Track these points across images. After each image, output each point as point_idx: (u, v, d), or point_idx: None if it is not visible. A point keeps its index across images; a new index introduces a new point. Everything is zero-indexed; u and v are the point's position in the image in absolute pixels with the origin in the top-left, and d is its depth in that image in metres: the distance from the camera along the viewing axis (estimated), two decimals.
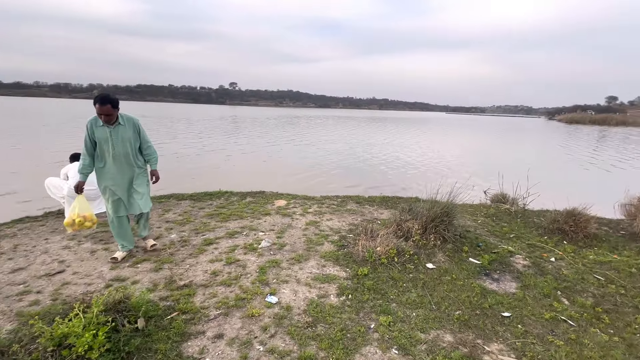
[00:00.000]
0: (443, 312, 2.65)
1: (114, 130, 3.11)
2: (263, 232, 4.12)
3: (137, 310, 2.23)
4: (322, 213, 5.00)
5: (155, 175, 3.45)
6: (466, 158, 14.72)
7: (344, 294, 2.83)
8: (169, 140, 16.04)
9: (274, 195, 5.95)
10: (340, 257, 3.49)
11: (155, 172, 3.44)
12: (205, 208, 5.02)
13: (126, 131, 3.15)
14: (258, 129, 24.52)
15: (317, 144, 17.27)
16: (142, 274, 3.02)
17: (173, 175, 8.88)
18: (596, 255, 3.80)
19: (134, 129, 3.21)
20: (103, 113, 2.97)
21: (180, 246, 3.63)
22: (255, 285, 2.89)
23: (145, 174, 3.39)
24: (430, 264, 3.41)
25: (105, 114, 2.99)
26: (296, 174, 9.65)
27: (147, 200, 3.35)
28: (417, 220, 4.00)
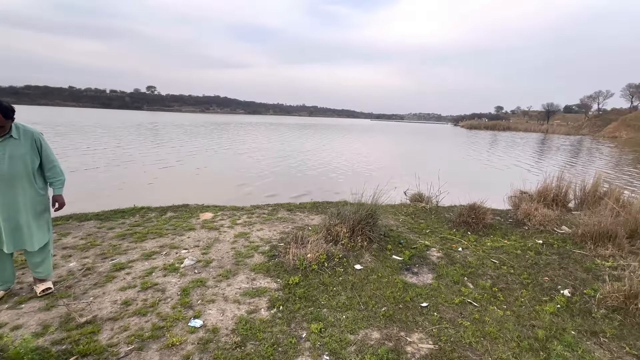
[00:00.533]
0: (370, 311, 2.78)
1: (1, 145, 2.55)
2: (186, 250, 3.80)
3: None
4: (252, 223, 4.84)
5: (59, 201, 2.87)
6: (388, 161, 15.97)
7: (275, 306, 2.76)
8: (67, 150, 13.78)
9: (199, 208, 5.56)
10: (271, 268, 3.41)
11: (58, 198, 2.86)
12: (115, 228, 4.42)
13: (19, 147, 2.60)
14: (182, 137, 22.78)
15: (247, 151, 16.80)
16: (27, 315, 2.49)
17: (75, 191, 7.63)
18: (492, 242, 4.45)
19: (31, 144, 2.66)
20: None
21: (81, 276, 3.11)
22: (177, 310, 2.63)
23: (45, 200, 2.82)
24: (358, 265, 3.56)
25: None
26: (225, 184, 9.21)
27: (42, 234, 2.78)
28: (345, 223, 4.15)
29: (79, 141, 17.17)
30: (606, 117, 57.96)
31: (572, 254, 4.06)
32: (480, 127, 65.46)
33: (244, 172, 11.10)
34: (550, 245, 4.35)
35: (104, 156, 12.84)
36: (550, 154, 22.08)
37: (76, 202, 6.43)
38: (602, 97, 60.49)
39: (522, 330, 2.60)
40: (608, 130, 50.31)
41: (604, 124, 55.29)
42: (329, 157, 16.03)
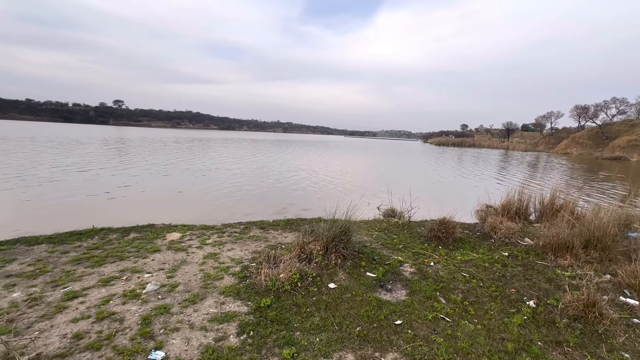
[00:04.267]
0: (344, 332, 2.71)
1: None
2: (149, 274, 3.55)
3: None
4: (222, 243, 4.65)
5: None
6: (362, 177, 16.22)
7: (245, 331, 2.62)
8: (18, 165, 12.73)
9: (165, 228, 5.28)
10: (241, 290, 3.26)
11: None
12: (70, 252, 4.06)
13: None
14: (149, 153, 21.89)
15: (219, 168, 16.40)
16: None
17: (23, 211, 6.99)
18: (462, 256, 4.57)
19: None
20: None
21: (26, 308, 2.79)
22: (136, 341, 2.42)
23: None
24: (332, 284, 3.50)
25: None
26: (194, 202, 8.87)
27: None
28: (319, 241, 4.10)
29: (33, 155, 15.96)
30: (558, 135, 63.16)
31: (535, 265, 4.24)
32: (448, 144, 68.77)
33: (215, 189, 10.78)
34: (515, 257, 4.53)
35: (63, 173, 11.99)
36: (512, 168, 23.51)
37: (26, 223, 5.89)
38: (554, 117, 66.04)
39: (492, 344, 2.63)
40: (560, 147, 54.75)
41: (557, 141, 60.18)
42: (303, 173, 16.02)
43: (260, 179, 13.37)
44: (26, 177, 10.63)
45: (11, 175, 10.87)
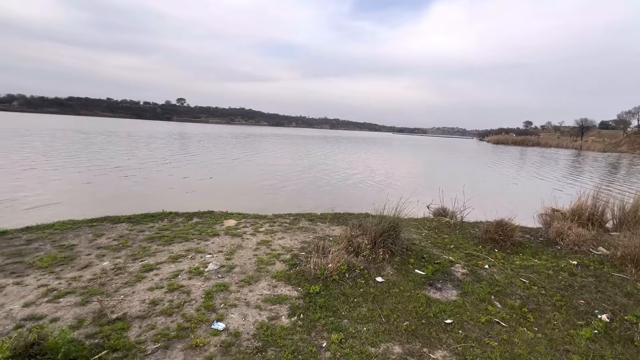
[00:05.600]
0: (392, 324, 2.72)
1: None
2: (210, 255, 3.90)
3: (56, 353, 1.94)
4: (273, 232, 4.91)
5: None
6: (411, 175, 15.73)
7: (296, 314, 2.77)
8: (105, 156, 14.64)
9: (223, 215, 5.71)
10: (292, 276, 3.44)
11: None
12: (145, 231, 4.62)
13: None
14: (209, 147, 23.63)
15: (270, 162, 17.12)
16: (64, 309, 2.64)
17: (109, 195, 8.08)
18: (521, 261, 4.25)
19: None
20: None
21: (113, 275, 3.26)
22: (201, 312, 2.70)
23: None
24: (380, 278, 3.51)
25: None
26: (248, 193, 9.41)
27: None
28: (366, 235, 4.13)
29: (117, 148, 18.22)
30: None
31: (611, 277, 3.79)
32: (507, 142, 63.24)
33: (267, 182, 11.30)
34: (585, 267, 4.09)
35: (137, 162, 13.52)
36: (585, 170, 20.92)
37: (110, 204, 6.81)
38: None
39: (555, 354, 2.45)
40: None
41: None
42: (352, 170, 16.02)
43: (309, 174, 13.68)
44: (113, 167, 12.19)
45: (106, 166, 12.53)
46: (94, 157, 14.47)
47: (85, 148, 17.83)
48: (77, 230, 4.51)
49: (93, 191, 8.49)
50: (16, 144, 17.41)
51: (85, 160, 13.57)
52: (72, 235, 4.28)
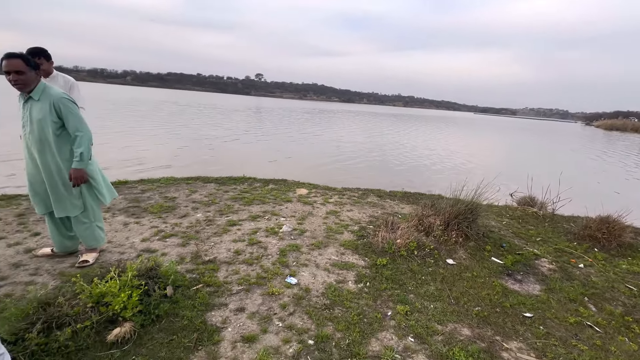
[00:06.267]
0: (462, 307, 2.63)
1: (26, 106, 2.43)
2: (284, 218, 4.21)
3: (167, 279, 2.37)
4: (342, 204, 5.03)
5: (73, 175, 2.46)
6: (493, 160, 14.24)
7: (362, 281, 2.87)
8: (196, 125, 16.54)
9: (295, 184, 6.04)
10: (359, 247, 3.52)
11: (72, 172, 2.45)
12: (229, 191, 5.18)
13: (38, 110, 2.38)
14: (284, 121, 24.77)
15: (342, 138, 17.23)
16: (170, 247, 3.18)
17: (200, 159, 9.20)
18: (629, 265, 3.61)
19: (50, 109, 2.38)
20: (9, 70, 2.24)
21: (205, 225, 3.78)
22: (276, 266, 2.98)
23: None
24: (451, 260, 3.37)
25: (14, 72, 2.24)
26: (318, 166, 9.71)
27: (70, 204, 2.58)
28: (439, 216, 3.95)
29: (205, 119, 20.40)
30: None
31: None
32: (626, 129, 51.78)
33: (336, 156, 11.47)
34: None
35: (222, 132, 14.96)
36: None
37: (202, 167, 7.77)
38: None
39: None
40: None
41: None
42: (426, 150, 15.19)
43: (381, 152, 13.43)
44: (202, 135, 13.72)
45: (198, 134, 14.19)
46: (187, 126, 16.46)
47: (180, 118, 20.35)
48: (177, 185, 5.28)
49: (188, 155, 9.75)
50: (130, 114, 20.71)
51: (181, 128, 15.52)
52: (174, 190, 5.03)
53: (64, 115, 2.42)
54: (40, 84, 2.41)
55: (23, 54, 2.32)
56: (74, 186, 2.52)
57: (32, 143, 2.45)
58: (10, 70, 2.25)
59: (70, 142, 2.50)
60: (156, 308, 2.13)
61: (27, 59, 2.31)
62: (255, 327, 2.17)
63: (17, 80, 2.28)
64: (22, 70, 2.26)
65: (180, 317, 2.16)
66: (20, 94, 2.42)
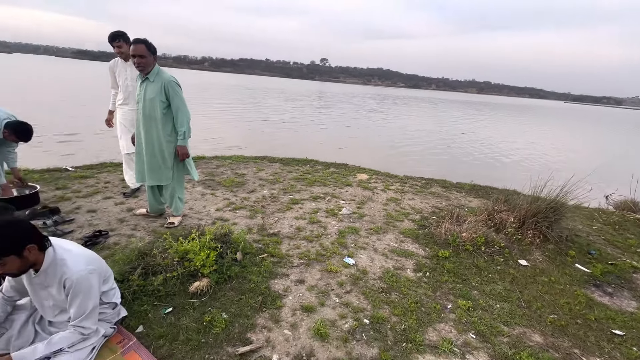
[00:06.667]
0: (534, 312, 2.40)
1: (142, 86, 2.77)
2: (344, 201, 4.26)
3: (237, 245, 2.62)
4: (404, 192, 4.89)
5: (179, 152, 2.86)
6: (585, 156, 12.31)
7: (422, 270, 2.79)
8: (265, 108, 17.41)
9: (356, 169, 6.03)
10: (420, 236, 3.41)
11: (178, 149, 2.85)
12: (292, 172, 5.40)
13: (152, 90, 2.71)
14: (347, 106, 24.65)
15: (406, 125, 16.55)
16: (239, 218, 3.48)
17: (266, 139, 9.73)
18: None
19: (160, 89, 2.71)
20: (134, 54, 2.61)
21: (270, 201, 4.03)
22: (335, 245, 3.06)
23: (171, 147, 2.89)
24: (524, 261, 3.07)
25: (138, 55, 2.60)
26: (380, 152, 9.53)
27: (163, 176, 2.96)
28: (513, 212, 3.60)
29: (272, 103, 21.36)
30: None
31: None
32: None
33: (402, 144, 11.09)
34: None
35: (288, 116, 15.52)
36: None
37: (268, 147, 8.22)
38: None
39: None
40: None
41: None
42: (500, 141, 13.80)
43: (449, 142, 12.62)
44: (267, 118, 14.42)
45: (265, 116, 14.98)
46: (256, 109, 17.42)
47: (250, 101, 21.59)
48: (246, 163, 5.69)
49: (256, 135, 10.39)
50: (208, 97, 22.62)
51: (251, 110, 16.49)
52: (243, 167, 5.43)
53: (170, 96, 2.73)
54: (155, 67, 2.73)
55: (146, 40, 2.65)
56: (181, 160, 2.94)
57: (141, 119, 2.82)
58: (135, 54, 2.60)
59: (172, 121, 2.83)
60: (228, 269, 2.38)
61: (149, 45, 2.63)
62: (314, 300, 2.29)
63: (139, 63, 2.65)
64: (144, 54, 2.61)
65: (248, 281, 2.38)
66: (139, 75, 2.80)
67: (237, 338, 1.87)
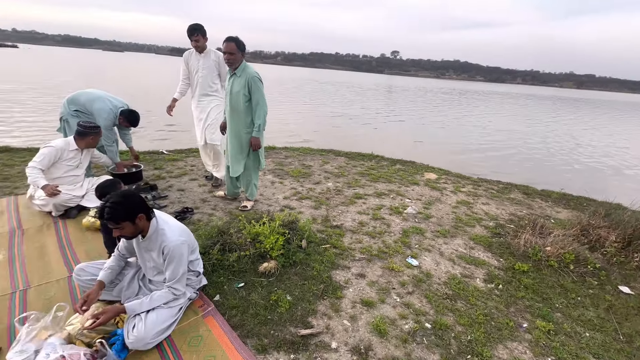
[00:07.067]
0: (636, 349, 2.03)
1: (230, 80, 3.02)
2: (409, 200, 4.12)
3: (302, 233, 2.74)
4: (477, 195, 4.52)
5: (254, 143, 3.08)
6: None
7: (493, 282, 2.57)
8: (332, 102, 17.63)
9: (424, 167, 5.76)
10: (493, 244, 3.14)
11: (252, 140, 3.08)
12: (357, 166, 5.40)
13: (237, 84, 2.96)
14: (418, 101, 23.56)
15: (486, 124, 15.17)
16: (305, 208, 3.62)
17: (333, 133, 9.86)
18: None
19: (245, 84, 2.92)
20: (225, 51, 2.86)
21: (334, 194, 4.10)
22: (397, 244, 3.00)
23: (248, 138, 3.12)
24: (626, 288, 2.61)
25: (228, 52, 2.84)
26: (452, 151, 8.92)
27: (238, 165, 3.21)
28: (615, 229, 3.08)
29: (341, 96, 21.50)
30: None
31: None
32: None
33: (476, 144, 10.23)
34: None
35: (356, 110, 15.47)
36: None
37: (334, 140, 8.34)
38: None
39: None
40: None
41: None
42: (605, 146, 11.78)
43: (540, 145, 11.23)
44: (336, 111, 14.58)
45: (329, 111, 15.21)
46: (324, 103, 17.73)
47: (319, 95, 22.05)
48: (312, 155, 5.86)
49: (323, 128, 10.61)
50: (281, 90, 23.76)
51: (319, 104, 16.85)
52: (310, 159, 5.62)
53: (252, 90, 2.93)
54: (242, 63, 2.95)
55: (237, 38, 2.91)
56: (254, 150, 3.14)
57: (228, 110, 3.11)
58: (225, 51, 2.87)
59: (252, 114, 3.04)
60: (293, 255, 2.51)
61: (239, 43, 2.86)
62: (374, 295, 2.29)
63: (229, 59, 2.93)
64: (233, 51, 2.89)
65: (311, 268, 2.48)
66: (229, 70, 3.09)
67: (299, 320, 1.98)
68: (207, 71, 3.58)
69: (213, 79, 3.65)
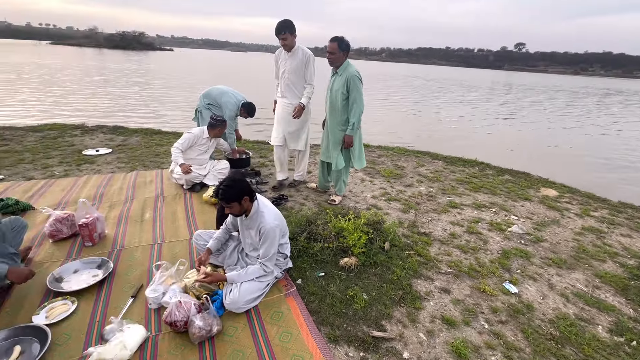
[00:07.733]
0: None
1: (332, 78, 3.16)
2: (516, 217, 3.59)
3: (387, 235, 2.70)
4: (614, 224, 3.62)
5: (346, 140, 3.19)
6: None
7: (624, 335, 2.04)
8: (439, 102, 16.52)
9: (541, 181, 4.90)
10: (630, 288, 2.48)
11: (347, 137, 3.18)
12: (456, 172, 4.96)
13: (337, 82, 3.09)
14: (546, 102, 20.02)
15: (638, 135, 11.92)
16: (392, 210, 3.54)
17: (433, 133, 9.28)
18: None
19: (344, 82, 3.04)
20: (328, 51, 3.02)
21: (426, 199, 3.88)
22: (494, 265, 2.67)
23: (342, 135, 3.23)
24: None
25: (330, 52, 3.01)
26: (586, 166, 7.31)
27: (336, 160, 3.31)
28: None
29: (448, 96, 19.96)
30: None
31: None
32: None
33: (624, 160, 8.14)
34: None
35: (460, 110, 14.16)
36: None
37: (433, 142, 7.85)
38: None
39: None
40: None
41: None
42: None
43: None
44: (440, 111, 13.64)
45: (433, 110, 14.36)
46: (429, 102, 16.74)
47: (424, 93, 20.91)
48: (407, 156, 5.65)
49: (422, 129, 10.06)
50: (380, 89, 23.46)
51: (424, 103, 16.01)
52: (403, 160, 5.43)
53: (350, 89, 3.03)
54: (344, 62, 3.08)
55: (340, 38, 3.04)
56: (346, 148, 3.23)
57: (328, 107, 3.29)
58: (327, 51, 3.11)
59: (347, 112, 3.14)
60: (375, 255, 2.50)
61: (340, 44, 3.00)
62: (457, 315, 2.10)
63: (330, 59, 3.13)
64: (334, 51, 3.06)
65: (391, 272, 2.43)
66: (332, 69, 3.22)
67: (372, 320, 1.98)
68: (294, 71, 3.41)
69: (299, 79, 3.45)
